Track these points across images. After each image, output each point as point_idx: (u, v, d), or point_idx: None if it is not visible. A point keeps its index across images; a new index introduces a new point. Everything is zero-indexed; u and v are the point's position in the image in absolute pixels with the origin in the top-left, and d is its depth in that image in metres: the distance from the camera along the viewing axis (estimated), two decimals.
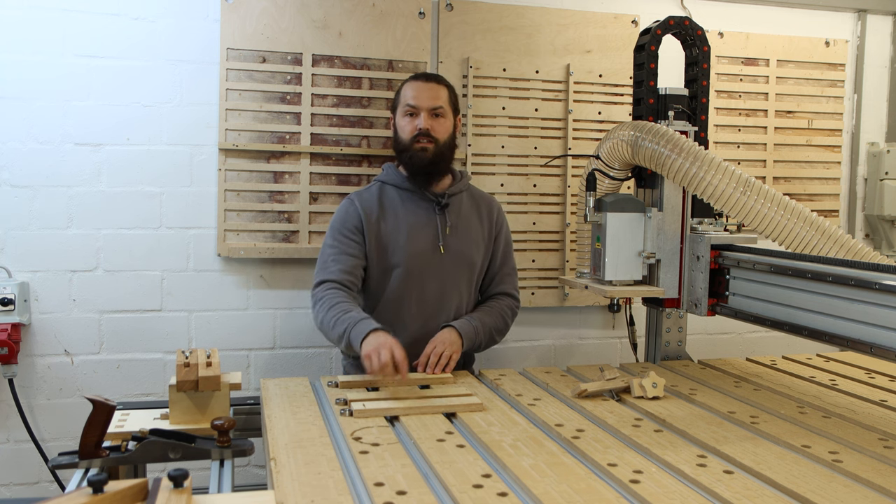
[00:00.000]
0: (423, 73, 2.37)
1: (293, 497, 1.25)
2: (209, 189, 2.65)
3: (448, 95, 2.31)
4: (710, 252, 2.12)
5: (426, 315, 2.27)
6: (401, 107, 2.29)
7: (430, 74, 2.37)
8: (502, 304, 2.36)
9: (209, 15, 2.62)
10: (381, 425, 1.65)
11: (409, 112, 2.26)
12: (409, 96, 2.27)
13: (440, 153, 2.26)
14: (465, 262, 2.31)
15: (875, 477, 1.36)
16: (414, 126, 2.25)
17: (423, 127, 2.23)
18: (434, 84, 2.29)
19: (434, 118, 2.25)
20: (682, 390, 1.98)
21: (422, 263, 2.26)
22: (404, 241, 2.25)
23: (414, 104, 2.25)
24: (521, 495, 1.29)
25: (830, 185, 3.22)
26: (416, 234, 2.27)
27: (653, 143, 2.08)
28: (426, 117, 2.24)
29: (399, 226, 2.27)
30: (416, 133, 2.24)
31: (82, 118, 2.54)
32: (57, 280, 2.56)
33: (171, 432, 1.62)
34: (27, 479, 2.60)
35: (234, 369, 2.55)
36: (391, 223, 2.27)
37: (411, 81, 2.31)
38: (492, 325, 2.30)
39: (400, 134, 2.29)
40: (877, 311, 1.62)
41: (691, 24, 2.30)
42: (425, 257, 2.27)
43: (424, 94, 2.26)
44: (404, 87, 2.31)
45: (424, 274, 2.26)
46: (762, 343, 3.23)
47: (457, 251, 2.30)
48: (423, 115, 2.24)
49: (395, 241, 2.26)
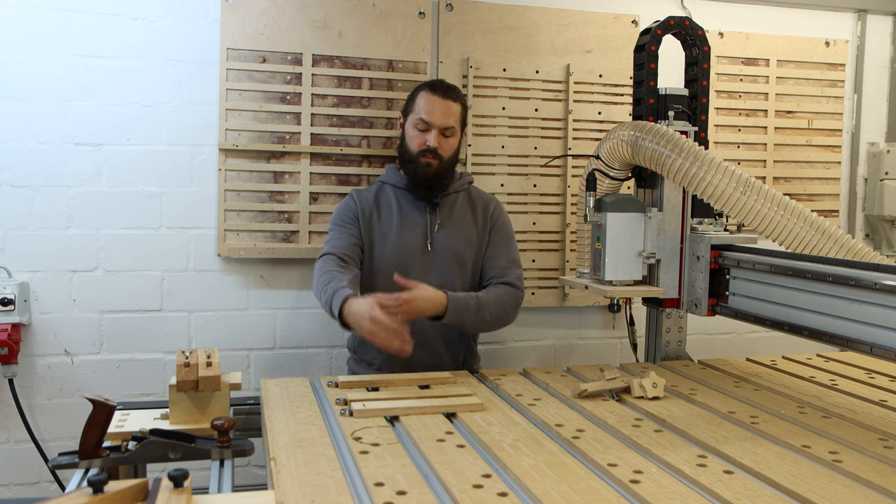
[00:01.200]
0: (441, 86, 2.32)
1: (293, 497, 1.25)
2: (209, 189, 2.65)
3: (460, 112, 2.33)
4: (710, 252, 2.12)
5: None
6: (413, 116, 2.30)
7: (447, 88, 2.32)
8: (500, 290, 2.29)
9: (209, 15, 2.62)
10: (381, 425, 1.65)
11: (421, 126, 2.28)
12: (423, 109, 2.28)
13: (443, 170, 2.30)
14: (455, 260, 2.32)
15: (875, 477, 1.36)
16: (423, 141, 2.27)
17: (433, 146, 2.26)
18: (450, 101, 2.29)
19: (444, 137, 2.29)
20: (683, 390, 1.98)
21: (408, 260, 2.29)
22: (394, 238, 2.30)
23: (427, 120, 2.27)
24: (521, 495, 1.29)
25: (830, 185, 3.22)
26: (405, 231, 2.31)
27: (653, 143, 2.08)
28: (436, 135, 2.27)
29: (391, 223, 2.32)
30: (425, 149, 2.27)
31: (82, 118, 2.54)
32: (57, 280, 2.56)
33: (171, 432, 1.62)
34: (27, 479, 2.60)
35: (234, 369, 2.55)
36: (384, 220, 2.33)
37: (428, 93, 2.30)
38: (485, 300, 2.21)
39: (408, 143, 2.31)
40: (877, 311, 1.62)
41: (691, 24, 2.30)
42: (412, 254, 2.30)
43: (439, 112, 2.27)
44: (420, 95, 2.31)
45: (410, 270, 2.26)
46: (762, 343, 3.23)
47: (445, 249, 2.32)
48: (434, 132, 2.27)
49: (385, 238, 2.31)
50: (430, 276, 2.28)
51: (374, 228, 2.32)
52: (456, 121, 2.31)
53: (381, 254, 2.31)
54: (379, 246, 2.31)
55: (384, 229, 2.32)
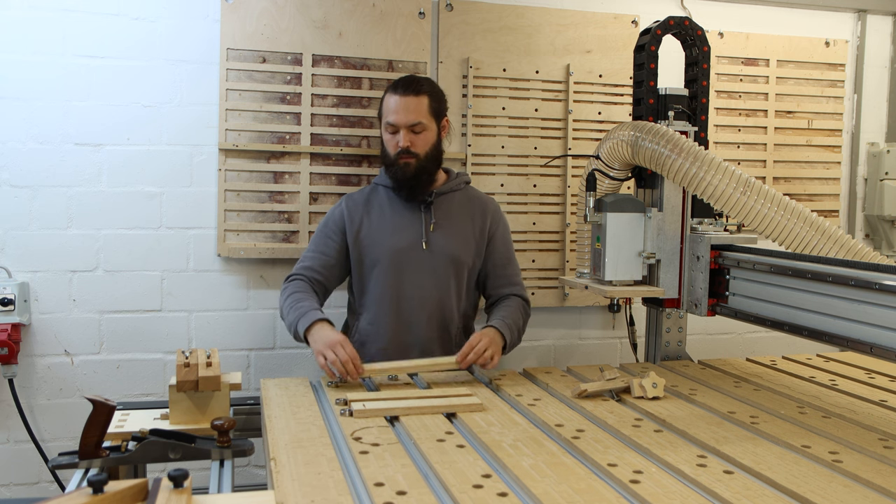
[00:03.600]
0: (402, 83, 2.28)
1: (293, 497, 1.25)
2: (209, 189, 2.65)
3: (428, 104, 2.27)
4: (710, 252, 2.12)
5: (409, 311, 2.29)
6: (383, 121, 2.30)
7: (408, 83, 2.27)
8: (518, 305, 2.34)
9: (209, 15, 2.62)
10: (381, 425, 1.65)
11: (389, 130, 2.27)
12: (389, 111, 2.27)
13: (422, 167, 2.28)
14: (451, 260, 2.31)
15: (875, 477, 1.36)
16: (395, 143, 2.27)
17: (403, 145, 2.25)
18: (412, 97, 2.24)
19: (414, 134, 2.26)
20: (682, 390, 1.98)
21: (404, 259, 2.28)
22: (388, 238, 2.29)
23: (392, 122, 2.25)
24: (521, 495, 1.29)
25: (830, 185, 3.22)
26: (399, 231, 2.30)
27: (653, 143, 2.08)
28: (405, 134, 2.25)
29: (384, 223, 2.31)
30: (399, 150, 2.25)
31: (82, 118, 2.54)
32: (57, 280, 2.56)
33: (171, 432, 1.62)
34: (27, 479, 2.60)
35: (234, 369, 2.55)
36: (376, 221, 2.32)
37: (390, 94, 2.28)
38: (520, 325, 2.31)
39: (386, 147, 2.31)
40: (877, 311, 1.62)
41: (691, 24, 2.30)
42: (407, 254, 2.29)
43: (402, 111, 2.24)
44: (385, 99, 2.30)
45: (406, 270, 2.28)
46: (762, 343, 3.23)
47: (441, 248, 2.31)
48: (403, 132, 2.25)
49: (379, 238, 2.30)
50: (426, 275, 2.28)
51: (365, 231, 2.31)
52: (424, 115, 2.26)
53: (375, 255, 2.29)
54: (373, 247, 2.29)
55: (377, 230, 2.30)
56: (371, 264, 2.30)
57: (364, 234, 2.31)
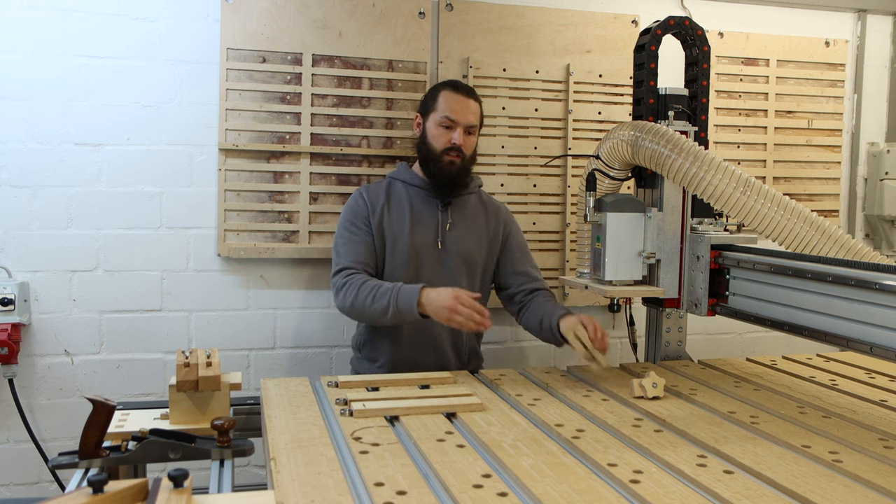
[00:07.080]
0: (463, 86, 2.38)
1: (293, 497, 1.25)
2: (209, 189, 2.65)
3: (479, 112, 2.38)
4: (710, 252, 2.12)
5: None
6: (437, 114, 2.32)
7: (469, 88, 2.39)
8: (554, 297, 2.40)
9: (209, 15, 2.62)
10: (381, 425, 1.65)
11: (446, 124, 2.31)
12: (448, 108, 2.31)
13: (465, 168, 2.35)
14: (465, 259, 2.35)
15: (875, 477, 1.36)
16: (448, 139, 2.30)
17: (458, 143, 2.30)
18: (473, 101, 2.35)
19: (467, 135, 2.33)
20: (682, 390, 1.98)
21: (421, 256, 2.32)
22: (407, 234, 2.31)
23: (453, 118, 2.30)
24: (521, 495, 1.29)
25: (830, 185, 3.22)
26: (418, 227, 2.33)
27: (653, 143, 2.08)
28: (461, 133, 2.31)
29: (403, 219, 2.33)
30: (450, 147, 2.29)
31: (82, 118, 2.54)
32: (57, 280, 2.56)
33: (171, 432, 1.62)
34: (27, 479, 2.60)
35: (234, 369, 2.55)
36: (395, 216, 2.34)
37: (451, 92, 2.33)
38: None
39: (431, 142, 2.33)
40: (877, 311, 1.62)
41: (691, 24, 2.30)
42: (425, 251, 2.32)
43: (465, 110, 2.32)
44: (443, 95, 2.34)
45: (423, 267, 2.32)
46: (762, 343, 3.23)
47: (456, 248, 2.34)
48: (459, 130, 2.30)
49: (399, 233, 2.32)
50: (440, 274, 2.32)
51: (386, 225, 2.33)
52: (477, 119, 2.36)
53: (392, 250, 2.32)
54: (391, 243, 2.32)
55: (396, 226, 2.33)
56: (389, 254, 2.32)
57: (386, 224, 2.33)
